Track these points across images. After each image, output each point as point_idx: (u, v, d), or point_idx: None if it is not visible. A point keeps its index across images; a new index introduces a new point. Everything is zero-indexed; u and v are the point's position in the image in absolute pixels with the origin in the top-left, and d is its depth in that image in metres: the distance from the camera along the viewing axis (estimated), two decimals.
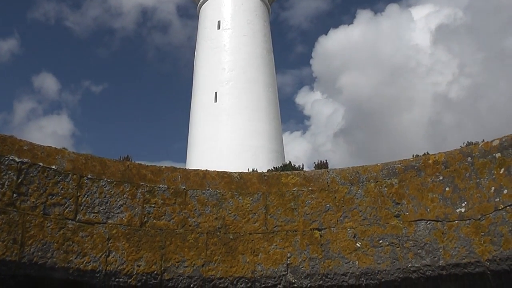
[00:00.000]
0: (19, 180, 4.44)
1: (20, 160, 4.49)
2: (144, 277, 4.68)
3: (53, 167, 4.65)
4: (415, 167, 4.97)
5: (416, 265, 4.70)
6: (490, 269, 4.44)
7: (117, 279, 4.62)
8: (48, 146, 4.79)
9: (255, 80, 32.98)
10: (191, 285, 4.79)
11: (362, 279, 4.84)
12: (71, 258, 4.49)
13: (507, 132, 4.66)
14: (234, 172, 5.42)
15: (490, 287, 4.56)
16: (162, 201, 4.98)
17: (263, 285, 4.89)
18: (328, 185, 5.20)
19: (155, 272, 4.71)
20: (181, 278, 4.77)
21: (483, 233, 4.46)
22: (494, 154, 4.56)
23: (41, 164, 4.59)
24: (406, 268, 4.73)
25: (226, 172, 5.38)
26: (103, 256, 4.61)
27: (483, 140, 5.09)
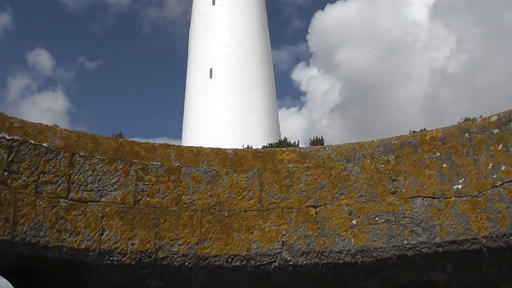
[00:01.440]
0: (10, 158, 4.37)
1: (10, 137, 4.41)
2: (138, 256, 4.64)
3: (45, 144, 4.57)
4: (412, 143, 4.91)
5: (412, 243, 4.67)
6: (487, 246, 4.41)
7: (111, 258, 4.58)
8: (39, 123, 4.70)
9: (250, 56, 32.73)
10: (186, 263, 4.75)
11: (358, 257, 4.81)
12: (64, 237, 4.44)
13: (505, 107, 4.60)
14: (229, 149, 5.35)
15: (486, 264, 4.55)
16: (155, 179, 4.92)
17: (258, 263, 4.87)
18: (324, 162, 5.14)
19: (149, 251, 4.67)
20: (176, 256, 4.73)
21: (480, 210, 4.42)
22: (492, 130, 4.51)
23: (32, 141, 4.51)
24: (402, 246, 4.70)
25: (221, 149, 5.31)
26: (96, 234, 4.56)
27: (481, 116, 5.02)
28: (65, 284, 4.98)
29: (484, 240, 4.39)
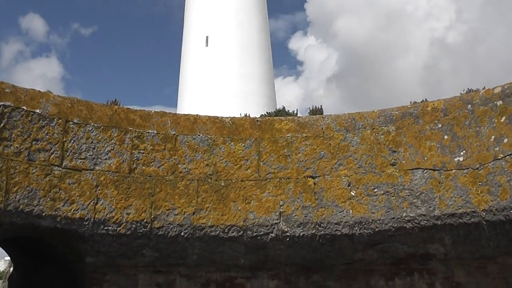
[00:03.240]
0: (2, 125, 4.25)
1: (2, 103, 4.29)
2: (133, 226, 4.57)
3: (37, 111, 4.46)
4: (413, 114, 4.83)
5: (411, 215, 4.62)
6: (486, 219, 4.36)
7: (106, 228, 4.51)
8: (31, 89, 4.58)
9: (247, 24, 32.33)
10: (182, 234, 4.69)
11: (356, 229, 4.77)
12: (58, 206, 4.36)
13: (504, 78, 4.52)
14: (226, 117, 5.25)
15: (484, 238, 4.51)
16: (151, 147, 4.82)
17: (255, 234, 4.81)
18: (323, 132, 5.06)
19: (144, 220, 4.61)
20: (172, 226, 4.67)
21: (480, 183, 4.36)
22: (495, 102, 4.42)
23: (24, 107, 4.40)
24: (401, 218, 4.66)
25: (218, 117, 5.21)
26: (91, 203, 4.49)
27: (484, 87, 4.93)
28: (59, 254, 4.93)
29: (484, 214, 4.35)
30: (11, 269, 6.84)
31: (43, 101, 4.53)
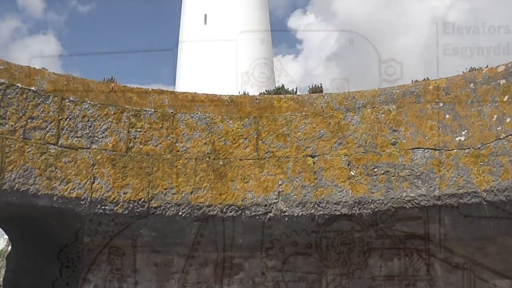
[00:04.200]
0: None
1: None
2: (131, 205, 4.52)
3: (33, 88, 4.37)
4: (414, 93, 4.75)
5: (411, 195, 4.58)
6: (487, 199, 4.32)
7: (103, 207, 4.46)
8: (26, 66, 4.49)
9: (245, 2, 32.09)
10: (179, 213, 4.65)
11: (355, 209, 4.73)
12: (54, 185, 4.31)
13: (506, 58, 4.44)
14: (225, 95, 5.19)
15: (484, 218, 4.47)
16: (148, 125, 4.76)
17: (253, 213, 4.78)
18: (323, 110, 4.99)
19: (142, 200, 4.56)
20: (169, 205, 4.63)
21: (482, 163, 4.31)
22: (498, 81, 4.34)
23: (19, 85, 4.31)
24: (401, 198, 4.61)
25: (216, 95, 5.14)
26: (88, 182, 4.43)
27: (487, 66, 4.84)
28: (56, 234, 4.90)
29: (485, 194, 4.30)
30: (9, 248, 6.83)
31: (38, 78, 4.45)
